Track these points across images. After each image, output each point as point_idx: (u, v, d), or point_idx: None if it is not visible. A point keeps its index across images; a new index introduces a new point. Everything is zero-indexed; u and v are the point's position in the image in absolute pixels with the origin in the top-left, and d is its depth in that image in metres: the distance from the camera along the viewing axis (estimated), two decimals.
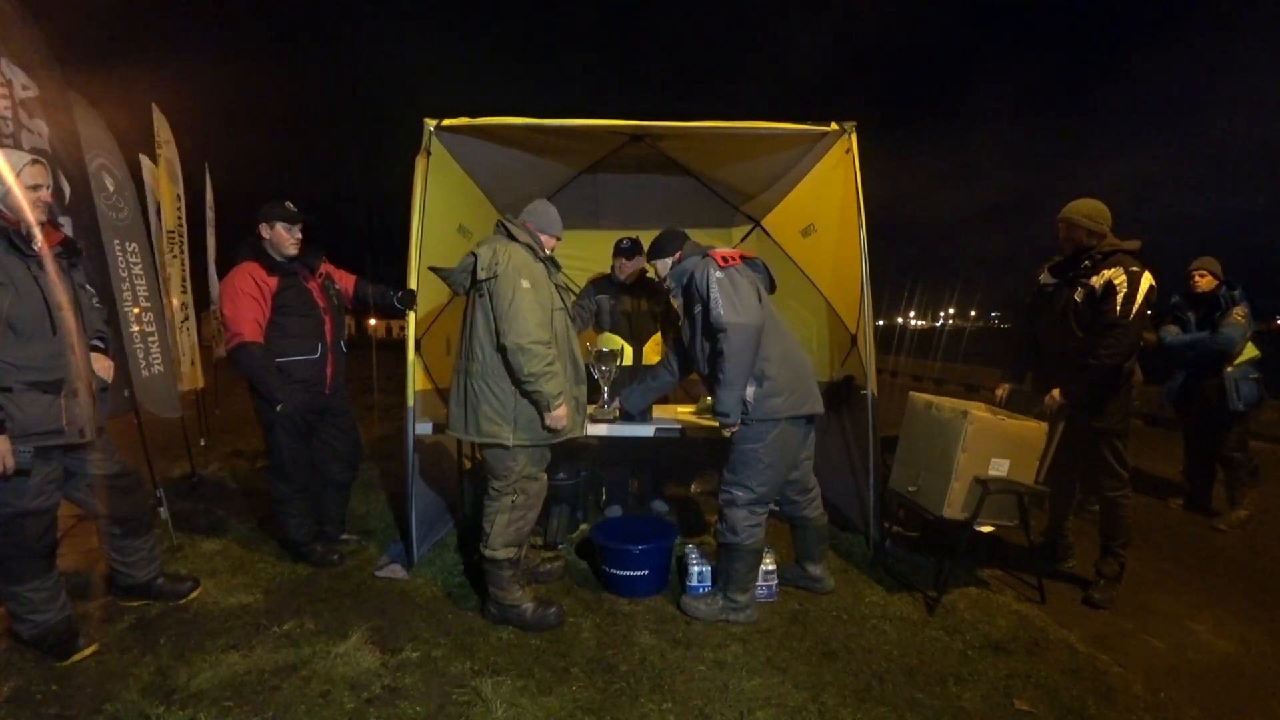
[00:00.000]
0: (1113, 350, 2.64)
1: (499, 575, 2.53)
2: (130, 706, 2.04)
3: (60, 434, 2.19)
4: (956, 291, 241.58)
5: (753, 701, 2.11)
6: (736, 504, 2.58)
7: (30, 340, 2.11)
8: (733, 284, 2.46)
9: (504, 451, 2.48)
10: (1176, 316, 3.97)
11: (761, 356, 2.50)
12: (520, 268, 2.42)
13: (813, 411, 2.61)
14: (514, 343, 2.34)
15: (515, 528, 2.52)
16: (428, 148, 3.01)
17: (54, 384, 2.17)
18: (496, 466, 2.52)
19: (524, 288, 2.38)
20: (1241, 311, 3.74)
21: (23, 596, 2.24)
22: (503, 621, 2.55)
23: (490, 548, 2.50)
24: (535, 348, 2.35)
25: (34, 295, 2.13)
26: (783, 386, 2.51)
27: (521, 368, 2.35)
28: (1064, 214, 2.86)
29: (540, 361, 2.36)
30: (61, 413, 2.18)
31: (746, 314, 2.42)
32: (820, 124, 3.16)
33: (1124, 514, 2.84)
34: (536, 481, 2.57)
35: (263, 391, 2.86)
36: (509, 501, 2.51)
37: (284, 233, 2.89)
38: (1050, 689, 2.20)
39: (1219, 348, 3.76)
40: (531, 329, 2.35)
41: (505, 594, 2.53)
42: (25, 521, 2.18)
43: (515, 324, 2.34)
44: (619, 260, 3.72)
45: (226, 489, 4.39)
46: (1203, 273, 3.88)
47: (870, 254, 3.16)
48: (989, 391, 3.25)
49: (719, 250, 2.62)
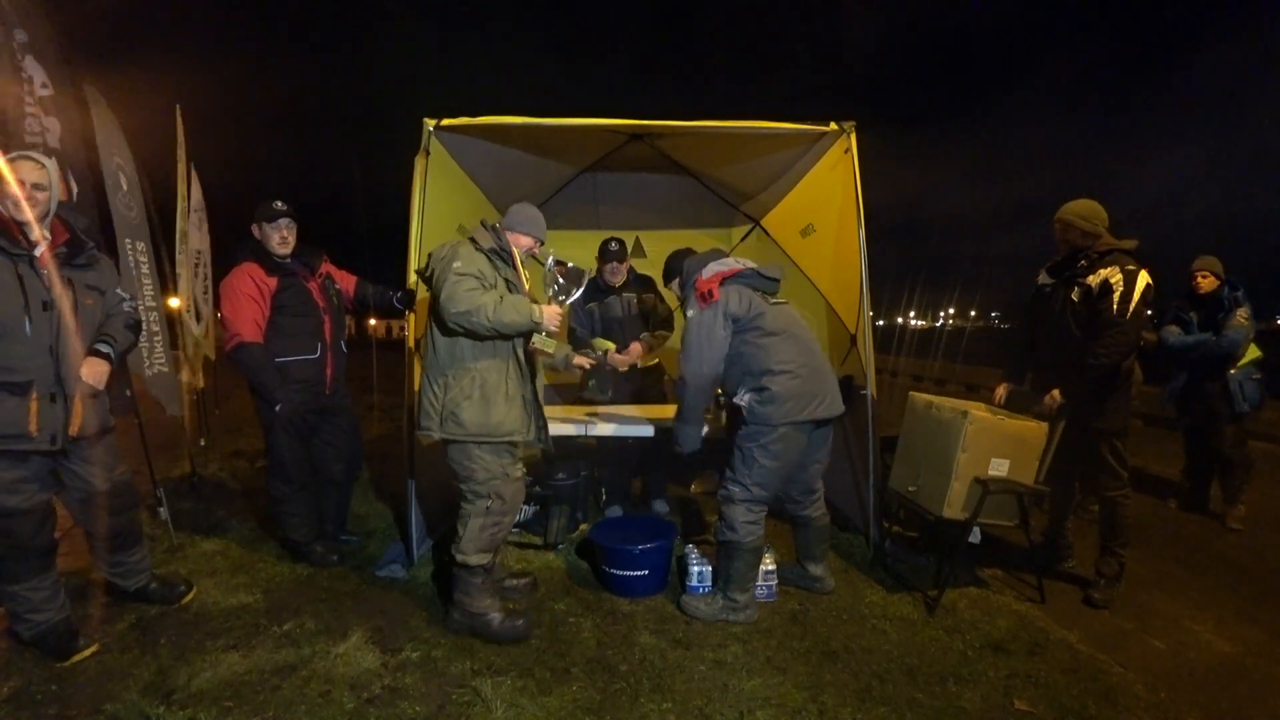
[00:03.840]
0: (1111, 349, 2.64)
1: (469, 581, 2.46)
2: (130, 706, 2.04)
3: (26, 439, 2.10)
4: (956, 291, 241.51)
5: (753, 701, 2.11)
6: (734, 500, 2.59)
7: (1, 339, 2.05)
8: (704, 328, 2.54)
9: (459, 449, 2.42)
10: (1178, 317, 3.95)
11: (762, 366, 2.51)
12: (457, 256, 2.34)
13: (823, 416, 2.57)
14: (450, 312, 2.26)
15: (489, 534, 2.45)
16: (427, 148, 3.02)
17: (23, 385, 2.09)
18: (457, 467, 2.46)
19: (454, 266, 2.31)
20: (1245, 313, 3.74)
21: (21, 596, 2.23)
22: (466, 630, 2.47)
23: (462, 552, 2.43)
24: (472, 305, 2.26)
25: (13, 294, 2.07)
26: (784, 394, 2.49)
27: (483, 324, 2.27)
28: (1059, 214, 2.87)
29: (487, 307, 2.26)
30: (30, 416, 2.09)
31: (704, 364, 2.54)
32: (820, 124, 3.16)
33: (1124, 514, 2.84)
34: (511, 484, 2.49)
35: (262, 392, 2.86)
36: (483, 506, 2.44)
37: (269, 231, 2.89)
38: (1050, 689, 2.20)
39: (1224, 351, 3.75)
40: (456, 293, 2.27)
41: (473, 601, 2.46)
42: (10, 522, 2.14)
43: (451, 302, 2.26)
44: (610, 264, 3.70)
45: (226, 489, 4.39)
46: (1204, 273, 3.86)
47: (870, 254, 3.17)
48: (989, 391, 3.25)
49: (705, 276, 2.63)
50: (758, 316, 2.56)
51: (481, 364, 2.41)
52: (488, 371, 2.41)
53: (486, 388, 2.40)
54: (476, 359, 2.41)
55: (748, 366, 2.56)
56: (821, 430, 2.68)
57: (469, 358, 2.41)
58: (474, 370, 2.40)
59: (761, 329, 2.55)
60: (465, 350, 2.41)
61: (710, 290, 2.55)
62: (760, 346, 2.54)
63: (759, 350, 2.54)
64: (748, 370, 2.56)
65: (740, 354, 2.57)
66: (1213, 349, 3.77)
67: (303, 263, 2.99)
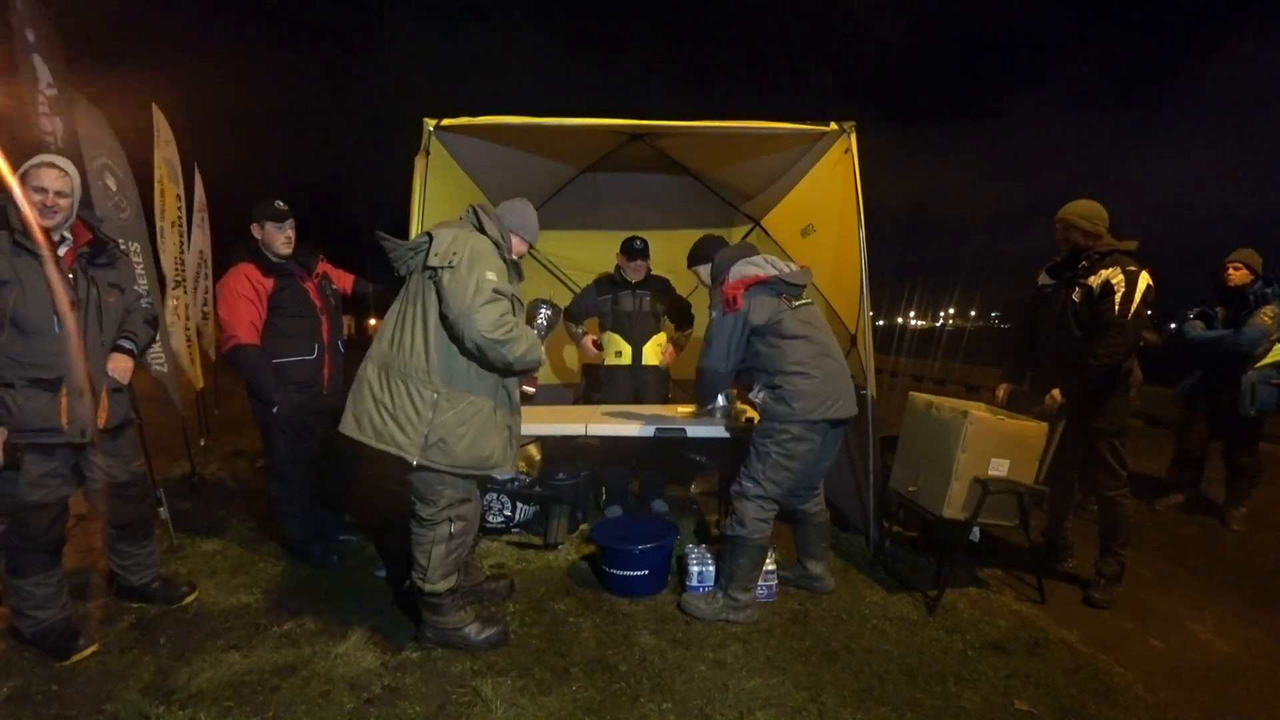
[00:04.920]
0: (1111, 350, 2.64)
1: (438, 606, 2.31)
2: (130, 706, 2.04)
3: (58, 433, 2.19)
4: (956, 291, 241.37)
5: (753, 701, 2.11)
6: (746, 496, 2.60)
7: (34, 337, 2.14)
8: (725, 332, 2.58)
9: (433, 475, 2.19)
10: (1203, 311, 3.75)
11: (776, 366, 2.55)
12: (482, 258, 2.14)
13: (838, 416, 2.58)
14: (484, 338, 2.05)
15: (454, 556, 2.30)
16: (426, 147, 3.02)
17: (54, 382, 2.17)
18: (424, 490, 2.22)
19: (489, 279, 2.11)
20: (1271, 312, 3.48)
21: (26, 591, 2.25)
22: (443, 645, 2.36)
23: (429, 581, 2.26)
24: (504, 334, 2.08)
25: (41, 294, 2.15)
26: (797, 393, 2.51)
27: (504, 358, 2.10)
28: (1060, 215, 2.87)
29: (519, 342, 2.12)
30: (62, 411, 2.18)
31: (721, 363, 2.62)
32: (819, 123, 3.16)
33: (1123, 514, 2.84)
34: (470, 503, 2.32)
35: (259, 393, 2.86)
36: (446, 531, 2.25)
37: (274, 231, 2.88)
38: (1050, 689, 2.20)
39: (1240, 349, 3.55)
40: (496, 318, 2.08)
41: (445, 619, 2.33)
42: (28, 516, 2.19)
43: (484, 317, 2.05)
44: (634, 262, 3.75)
45: (226, 489, 4.38)
46: (1238, 265, 3.62)
47: (870, 253, 3.17)
48: (989, 391, 3.25)
49: (731, 280, 2.60)
50: (777, 323, 2.59)
51: (485, 389, 2.23)
52: (486, 397, 2.23)
53: (482, 416, 2.20)
54: (482, 383, 2.22)
55: (763, 365, 2.62)
56: (836, 430, 2.70)
57: (472, 377, 2.20)
58: (474, 394, 2.20)
59: (779, 334, 2.58)
60: (467, 367, 2.19)
61: (735, 297, 2.56)
62: (776, 348, 2.58)
63: (774, 351, 2.58)
64: (763, 369, 2.62)
65: (757, 353, 2.63)
66: (1229, 346, 3.58)
67: (299, 263, 2.99)
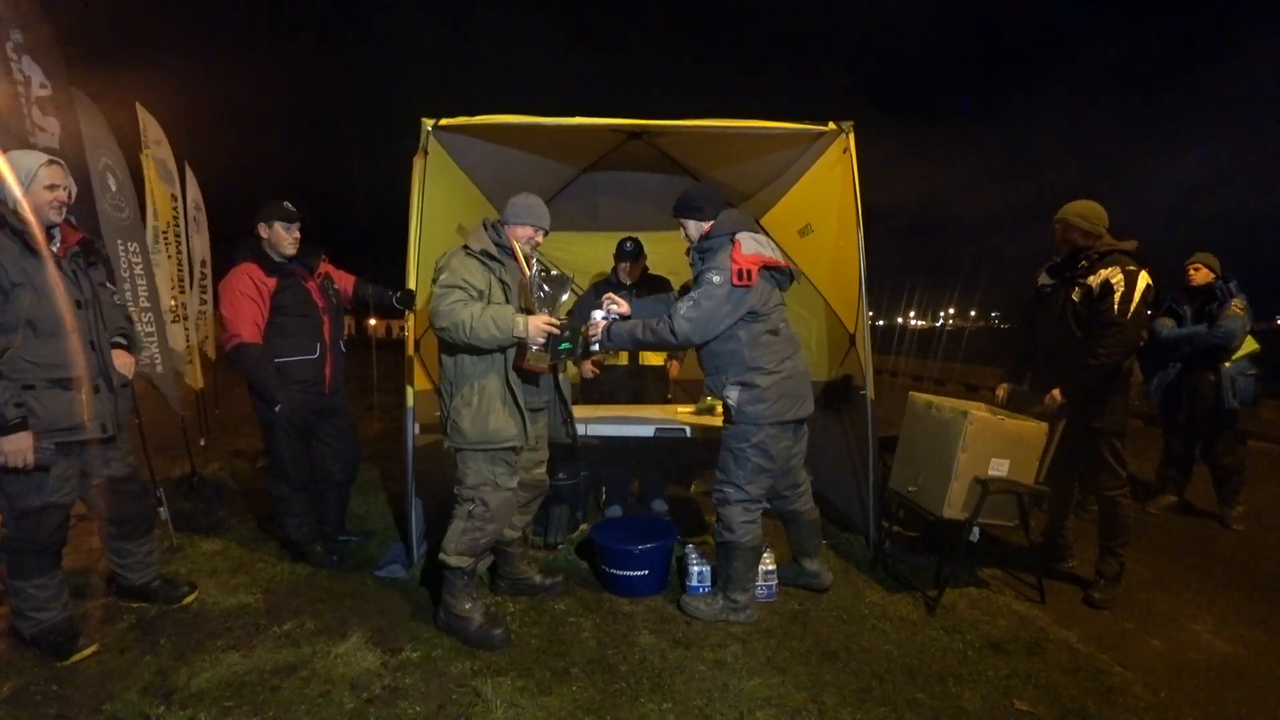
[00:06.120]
0: (1111, 349, 2.65)
1: (452, 582, 2.49)
2: (130, 706, 2.04)
3: (81, 430, 2.23)
4: (956, 291, 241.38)
5: (753, 701, 2.11)
6: (729, 501, 2.59)
7: (49, 339, 2.16)
8: (727, 303, 2.45)
9: (459, 455, 2.48)
10: (1171, 309, 3.90)
11: (756, 362, 2.51)
12: (448, 270, 2.38)
13: (799, 416, 2.62)
14: (434, 327, 2.34)
15: (470, 538, 2.45)
16: (425, 147, 3.01)
17: (73, 380, 2.20)
18: (458, 468, 2.51)
19: (442, 279, 2.36)
20: (1240, 304, 3.67)
21: (27, 592, 2.26)
22: (448, 630, 2.49)
23: (445, 552, 2.47)
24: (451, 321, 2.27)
25: (52, 295, 2.16)
26: (768, 395, 2.51)
27: (461, 339, 2.29)
28: (1060, 215, 2.88)
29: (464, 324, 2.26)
30: (83, 409, 2.21)
31: (700, 335, 2.49)
32: (818, 123, 3.16)
33: (1123, 513, 2.84)
34: (499, 493, 2.47)
35: (261, 393, 2.86)
36: (467, 510, 2.46)
37: (282, 232, 2.89)
38: (1050, 689, 2.20)
39: (1218, 341, 3.68)
40: (443, 309, 2.30)
41: (455, 602, 2.49)
42: (41, 516, 2.20)
43: (434, 316, 2.32)
44: (624, 264, 3.74)
45: (226, 489, 4.39)
46: (1198, 266, 3.83)
47: (869, 254, 3.16)
48: (989, 391, 3.25)
49: (745, 253, 2.46)
50: (768, 315, 2.54)
51: (481, 371, 2.43)
52: (488, 379, 2.43)
53: (485, 396, 2.41)
54: (476, 366, 2.43)
55: (740, 357, 2.52)
56: (801, 425, 2.72)
57: (468, 365, 2.44)
58: (474, 378, 2.43)
59: (767, 325, 2.53)
60: (465, 358, 2.43)
61: (751, 272, 2.45)
62: (761, 342, 2.52)
63: (758, 344, 2.51)
64: (739, 360, 2.52)
65: (737, 339, 2.52)
66: (1206, 340, 3.71)
67: (301, 262, 2.99)
